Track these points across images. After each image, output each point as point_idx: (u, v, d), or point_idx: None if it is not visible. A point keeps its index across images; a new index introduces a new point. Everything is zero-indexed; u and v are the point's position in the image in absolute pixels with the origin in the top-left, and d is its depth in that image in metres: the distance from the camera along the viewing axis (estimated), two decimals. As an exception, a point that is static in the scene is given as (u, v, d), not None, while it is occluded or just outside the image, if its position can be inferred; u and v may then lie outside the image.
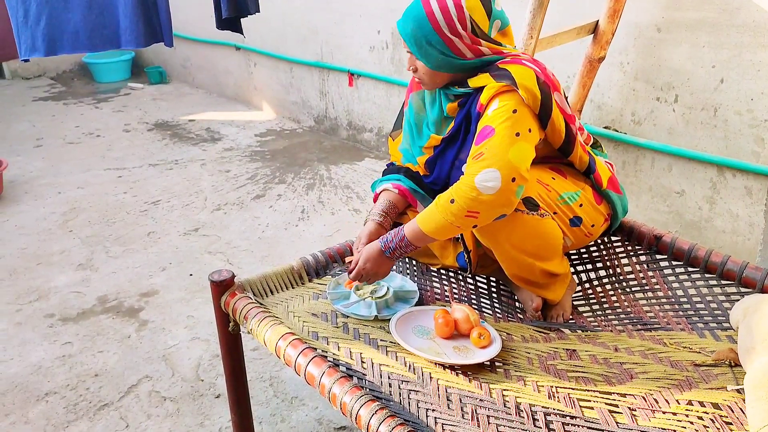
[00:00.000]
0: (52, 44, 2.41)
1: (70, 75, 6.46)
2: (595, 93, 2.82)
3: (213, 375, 2.11)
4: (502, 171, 1.41)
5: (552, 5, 2.25)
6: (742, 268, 1.62)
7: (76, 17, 2.42)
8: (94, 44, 2.46)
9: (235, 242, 3.01)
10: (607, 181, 1.70)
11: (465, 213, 1.43)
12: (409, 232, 1.53)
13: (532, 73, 1.51)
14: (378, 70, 3.98)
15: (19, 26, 2.45)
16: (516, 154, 1.44)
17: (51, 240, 3.07)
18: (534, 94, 1.49)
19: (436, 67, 1.59)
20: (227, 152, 4.26)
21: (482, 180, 1.41)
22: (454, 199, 1.44)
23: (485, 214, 1.44)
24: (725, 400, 1.25)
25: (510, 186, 1.42)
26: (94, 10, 2.40)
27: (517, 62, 1.54)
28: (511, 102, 1.49)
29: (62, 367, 2.17)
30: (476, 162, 1.44)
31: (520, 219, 1.53)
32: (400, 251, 1.55)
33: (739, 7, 2.31)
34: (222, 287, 1.61)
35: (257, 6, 2.79)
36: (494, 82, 1.51)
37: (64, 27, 2.41)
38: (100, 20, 2.44)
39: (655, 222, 2.76)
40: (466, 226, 1.47)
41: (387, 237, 1.57)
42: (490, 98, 1.52)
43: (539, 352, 1.48)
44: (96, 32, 2.43)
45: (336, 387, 1.26)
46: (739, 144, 2.42)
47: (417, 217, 1.52)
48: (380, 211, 1.74)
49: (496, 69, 1.54)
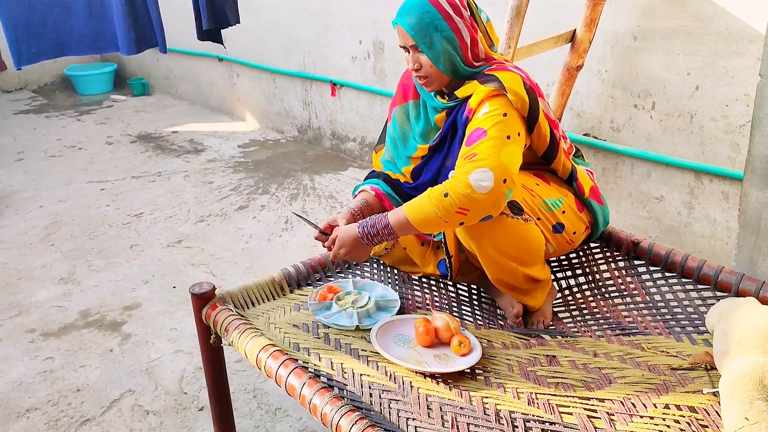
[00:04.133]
0: (61, 47, 2.59)
1: (51, 87, 6.43)
2: (575, 101, 2.85)
3: (196, 387, 2.10)
4: (495, 172, 1.42)
5: (529, 15, 2.27)
6: (718, 272, 1.65)
7: (79, 23, 2.59)
8: (98, 46, 2.68)
9: (219, 254, 3.00)
10: (589, 190, 1.73)
11: (456, 209, 1.43)
12: (394, 220, 1.51)
13: (519, 78, 1.54)
14: (360, 80, 4.00)
15: (19, 35, 2.55)
16: (507, 156, 1.46)
17: (32, 254, 3.05)
18: (522, 97, 1.52)
19: (439, 60, 1.57)
20: (210, 163, 4.25)
21: (476, 179, 1.42)
22: (448, 193, 1.44)
23: (474, 213, 1.45)
24: (701, 404, 1.27)
25: (501, 187, 1.43)
26: (94, 17, 2.62)
27: (504, 69, 1.57)
28: (501, 105, 1.51)
29: (43, 382, 2.15)
30: (470, 162, 1.45)
31: (505, 222, 1.54)
32: (380, 238, 1.54)
33: (712, 16, 2.35)
34: (203, 300, 1.61)
35: (237, 17, 2.80)
36: (483, 87, 1.54)
37: (69, 31, 2.58)
38: (101, 25, 2.62)
39: (636, 227, 2.79)
40: (453, 223, 1.47)
41: (367, 223, 1.55)
42: (480, 102, 1.54)
43: (519, 359, 1.49)
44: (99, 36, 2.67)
45: (316, 398, 1.27)
46: (716, 150, 2.46)
47: (404, 206, 1.51)
48: (355, 207, 1.74)
49: (484, 75, 1.57)
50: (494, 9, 2.40)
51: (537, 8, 2.46)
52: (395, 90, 1.82)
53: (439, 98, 1.67)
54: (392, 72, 3.77)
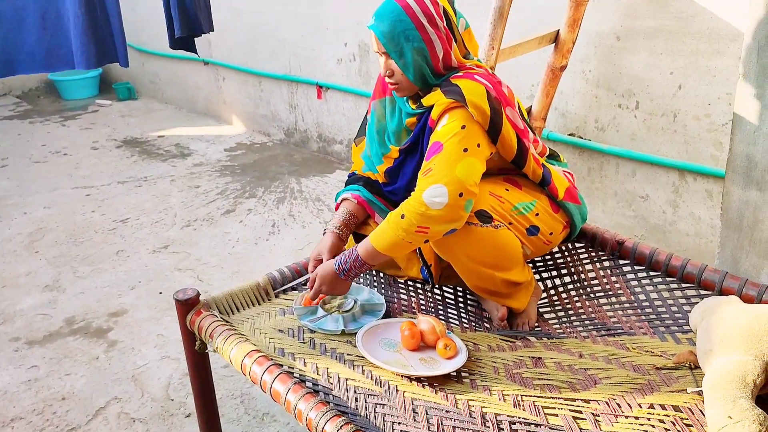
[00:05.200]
0: (8, 65, 2.36)
1: (36, 93, 6.38)
2: (559, 101, 2.86)
3: (183, 394, 2.09)
4: (449, 186, 1.43)
5: (513, 15, 2.28)
6: (701, 271, 1.66)
7: (31, 38, 2.37)
8: (50, 64, 2.42)
9: (205, 258, 2.98)
10: (564, 191, 1.72)
11: (415, 228, 1.45)
12: (363, 251, 1.54)
13: (483, 89, 1.51)
14: (346, 82, 4.00)
15: None
16: (463, 169, 1.45)
17: (17, 261, 3.02)
18: (482, 110, 1.49)
19: (408, 70, 1.56)
20: (197, 167, 4.23)
21: (430, 195, 1.43)
22: (404, 214, 1.46)
23: (435, 229, 1.46)
24: (685, 403, 1.27)
25: (458, 201, 1.44)
26: (48, 31, 2.36)
27: (469, 77, 1.54)
28: (459, 118, 1.50)
29: (28, 391, 2.13)
30: (425, 178, 1.47)
31: (475, 232, 1.55)
32: (355, 271, 1.57)
33: (694, 15, 2.36)
34: (187, 306, 1.60)
35: (211, 25, 2.76)
36: (444, 99, 1.52)
37: (19, 47, 2.37)
38: (55, 40, 2.40)
39: (622, 226, 2.80)
40: (417, 241, 1.49)
41: (341, 259, 1.57)
42: (440, 114, 1.53)
43: (505, 361, 1.50)
44: (52, 52, 2.39)
45: (302, 403, 1.26)
46: (699, 148, 2.47)
47: (370, 235, 1.53)
48: (339, 222, 1.75)
49: (448, 84, 1.54)
50: (477, 10, 2.41)
51: (520, 9, 2.47)
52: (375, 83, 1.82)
53: (410, 103, 1.66)
54: (378, 74, 3.76)
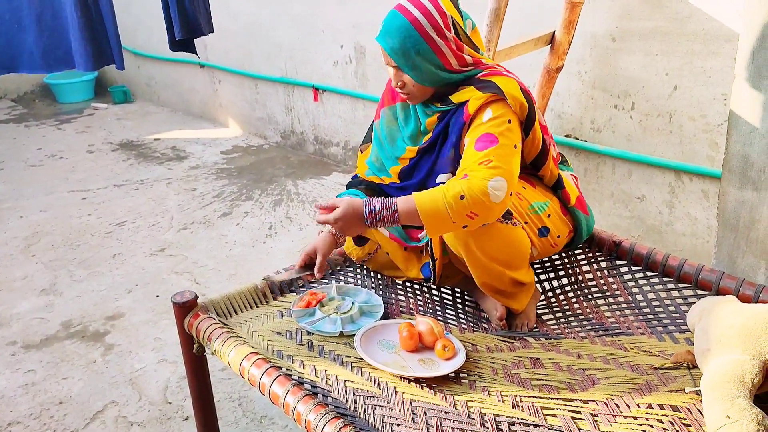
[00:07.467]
0: (10, 62, 2.39)
1: (31, 96, 6.36)
2: (555, 102, 2.87)
3: (181, 397, 2.09)
4: (509, 182, 1.44)
5: (508, 17, 2.28)
6: (698, 271, 1.66)
7: (30, 38, 2.38)
8: (48, 64, 2.43)
9: (202, 261, 2.98)
10: (575, 199, 1.73)
11: (468, 212, 1.42)
12: (403, 204, 1.48)
13: (516, 83, 1.54)
14: (342, 84, 4.00)
15: None
16: (516, 166, 1.48)
17: (13, 265, 3.01)
18: (521, 102, 1.52)
19: (423, 80, 1.56)
20: (193, 170, 4.23)
21: (493, 187, 1.42)
22: (464, 195, 1.42)
23: (481, 219, 1.45)
24: (684, 402, 1.28)
25: (508, 198, 1.45)
26: (45, 32, 2.37)
27: (498, 74, 1.56)
28: (505, 112, 1.51)
29: (25, 395, 2.13)
30: (487, 168, 1.44)
31: (495, 227, 1.54)
32: (384, 222, 1.50)
33: (689, 16, 2.37)
34: (185, 309, 1.60)
35: (211, 26, 2.76)
36: (481, 93, 1.53)
37: (21, 46, 2.38)
38: (52, 41, 2.40)
39: (618, 227, 2.81)
40: (459, 224, 1.45)
41: (375, 205, 1.49)
42: (480, 108, 1.53)
43: (504, 362, 1.50)
44: (49, 53, 2.40)
45: (300, 405, 1.26)
46: (695, 149, 2.48)
47: (415, 196, 1.47)
48: None
49: (480, 81, 1.56)
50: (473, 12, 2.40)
51: (516, 11, 2.48)
52: (383, 90, 1.81)
53: (433, 103, 1.65)
54: (374, 76, 3.77)
